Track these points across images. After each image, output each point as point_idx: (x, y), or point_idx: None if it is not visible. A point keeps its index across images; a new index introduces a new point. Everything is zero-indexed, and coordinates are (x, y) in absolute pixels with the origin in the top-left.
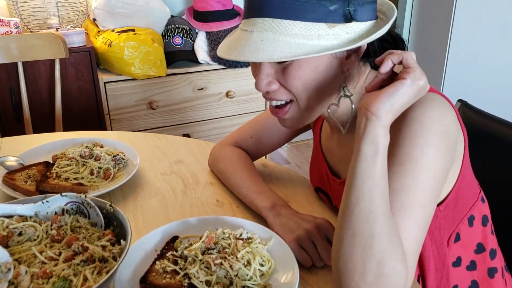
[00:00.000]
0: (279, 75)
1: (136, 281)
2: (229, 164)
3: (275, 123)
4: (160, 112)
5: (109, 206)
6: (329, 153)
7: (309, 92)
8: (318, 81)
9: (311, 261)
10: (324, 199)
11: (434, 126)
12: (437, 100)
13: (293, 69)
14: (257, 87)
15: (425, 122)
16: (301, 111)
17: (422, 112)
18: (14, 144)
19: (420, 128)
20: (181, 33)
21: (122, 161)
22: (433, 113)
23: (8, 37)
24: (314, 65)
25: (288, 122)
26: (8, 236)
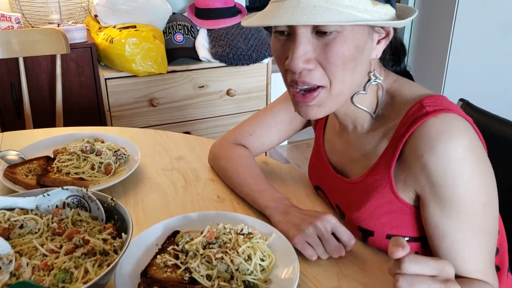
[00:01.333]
0: (318, 52)
1: (137, 275)
2: (231, 162)
3: (275, 121)
4: (161, 110)
5: (110, 200)
6: (334, 153)
7: (345, 72)
8: (355, 62)
9: (317, 255)
10: (323, 198)
11: (466, 160)
12: (454, 130)
13: (337, 43)
14: (293, 66)
15: (457, 158)
16: (331, 97)
17: (449, 151)
18: (15, 139)
19: (454, 167)
20: (182, 30)
21: (123, 157)
22: (459, 149)
23: (10, 32)
24: (357, 42)
25: (314, 109)
26: (10, 229)
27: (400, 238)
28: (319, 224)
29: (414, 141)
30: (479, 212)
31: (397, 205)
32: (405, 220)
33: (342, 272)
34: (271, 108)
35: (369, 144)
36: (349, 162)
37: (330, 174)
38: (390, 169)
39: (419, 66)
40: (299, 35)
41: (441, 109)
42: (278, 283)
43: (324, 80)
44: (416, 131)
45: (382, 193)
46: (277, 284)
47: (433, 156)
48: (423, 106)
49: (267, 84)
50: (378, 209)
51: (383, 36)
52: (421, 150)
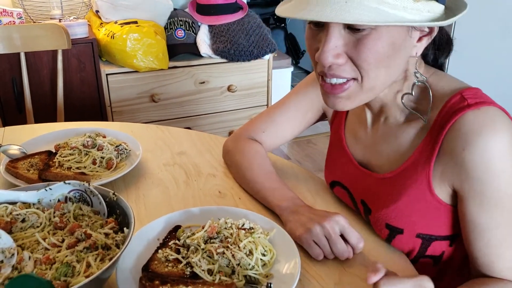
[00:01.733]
0: (349, 47)
1: (138, 269)
2: (246, 158)
3: (287, 117)
4: (162, 105)
5: (112, 195)
6: (358, 145)
7: (379, 69)
8: (391, 59)
9: (323, 255)
10: (340, 194)
11: (508, 155)
12: (496, 123)
13: (370, 40)
14: (322, 59)
15: (500, 153)
16: (362, 91)
17: (491, 146)
18: (16, 133)
19: (497, 162)
20: (183, 26)
21: (124, 151)
22: (501, 144)
23: (11, 27)
24: (392, 39)
25: (343, 100)
26: (12, 222)
27: (376, 264)
28: (327, 224)
29: (455, 134)
30: None
31: (431, 203)
32: (436, 219)
33: (343, 268)
34: (282, 104)
35: (401, 137)
36: (377, 156)
37: (354, 168)
38: (430, 164)
39: None
40: (330, 29)
41: (483, 101)
42: (280, 278)
43: (355, 73)
44: (456, 123)
45: (418, 189)
46: (279, 279)
47: (474, 151)
48: (465, 98)
49: (268, 80)
50: (410, 206)
51: (425, 34)
52: (462, 143)
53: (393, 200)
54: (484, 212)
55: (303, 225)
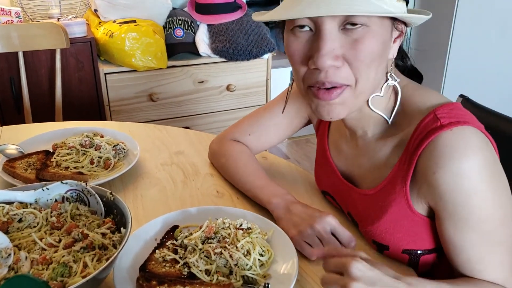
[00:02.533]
0: (346, 48)
1: (135, 269)
2: (230, 159)
3: (274, 122)
4: (160, 105)
5: (109, 195)
6: (341, 158)
7: (370, 70)
8: (381, 59)
9: (316, 254)
10: (332, 202)
11: (480, 178)
12: (468, 146)
13: (367, 40)
14: (321, 63)
15: (471, 177)
16: (354, 96)
17: (463, 169)
18: (14, 133)
19: (467, 185)
20: (182, 25)
21: (122, 151)
22: (473, 167)
23: (9, 26)
24: (384, 38)
25: (337, 107)
26: (8, 222)
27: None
28: (318, 226)
29: (428, 157)
30: (496, 228)
31: (413, 219)
32: (420, 234)
33: None
34: (270, 108)
35: (380, 152)
36: (359, 170)
37: (339, 181)
38: (406, 184)
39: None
40: (325, 31)
41: (457, 121)
42: (277, 278)
43: (351, 79)
44: (430, 145)
45: (398, 208)
46: (276, 279)
47: (446, 174)
48: (438, 118)
49: (267, 79)
50: (393, 224)
51: (397, 35)
52: (434, 167)
53: (376, 218)
54: (459, 232)
55: (295, 227)
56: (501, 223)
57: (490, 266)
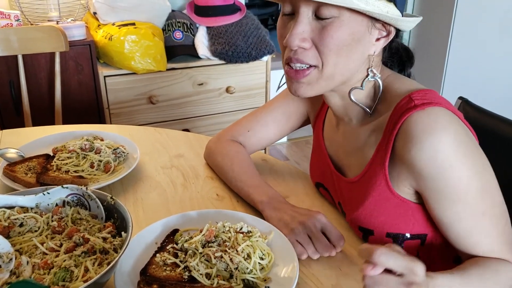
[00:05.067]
0: (315, 33)
1: (136, 273)
2: (226, 158)
3: (272, 118)
4: (160, 107)
5: (110, 199)
6: (333, 148)
7: (338, 57)
8: (350, 48)
9: (307, 253)
10: (325, 194)
11: (453, 151)
12: (440, 122)
13: (333, 27)
14: (290, 42)
15: (444, 150)
16: (322, 78)
17: (436, 144)
18: (14, 137)
19: (442, 159)
20: (181, 27)
21: (122, 155)
22: (445, 142)
23: (9, 30)
24: (353, 30)
25: (303, 87)
26: (10, 227)
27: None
28: (309, 222)
29: (402, 136)
30: (476, 198)
31: (395, 202)
32: (404, 217)
33: (341, 271)
34: (269, 106)
35: (362, 137)
36: (346, 157)
37: (330, 171)
38: (384, 165)
39: (418, 65)
40: (300, 15)
41: (429, 102)
42: (278, 281)
43: (317, 61)
44: (403, 125)
45: (379, 190)
46: (277, 283)
47: (420, 151)
48: (412, 100)
49: (266, 81)
50: (376, 208)
51: (383, 35)
52: (409, 144)
53: (360, 203)
54: (444, 208)
55: (286, 226)
56: (480, 193)
57: (478, 238)
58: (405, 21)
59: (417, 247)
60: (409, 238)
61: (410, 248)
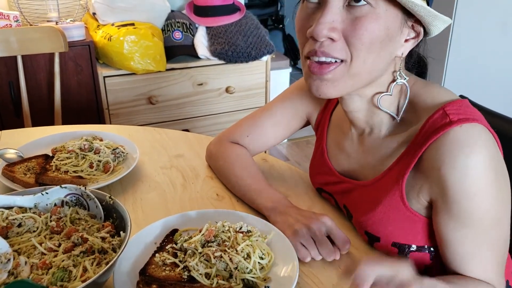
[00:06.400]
0: (346, 24)
1: (135, 273)
2: (228, 162)
3: (272, 122)
4: (160, 107)
5: (109, 198)
6: (342, 155)
7: (369, 52)
8: (382, 45)
9: (310, 256)
10: (328, 198)
11: (484, 177)
12: (477, 144)
13: (368, 19)
14: (317, 31)
15: (476, 175)
16: (347, 75)
17: (469, 166)
18: (13, 137)
19: (471, 183)
20: (181, 27)
21: (121, 155)
22: (479, 166)
23: (8, 31)
24: (388, 25)
25: (327, 85)
26: (8, 227)
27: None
28: (314, 225)
29: (435, 151)
30: (487, 228)
31: (405, 214)
32: (412, 230)
33: (341, 270)
34: (269, 109)
35: (385, 149)
36: (361, 168)
37: (336, 178)
38: (404, 177)
39: None
40: (330, 3)
41: (466, 118)
42: (278, 281)
43: (345, 54)
44: (438, 140)
45: (392, 200)
46: (277, 282)
47: (452, 170)
48: (447, 115)
49: (266, 81)
50: (386, 216)
51: (412, 36)
52: (440, 161)
53: (370, 208)
54: (451, 227)
55: (290, 227)
56: (496, 223)
57: (479, 265)
58: (440, 20)
59: (424, 260)
60: (415, 250)
61: (417, 260)
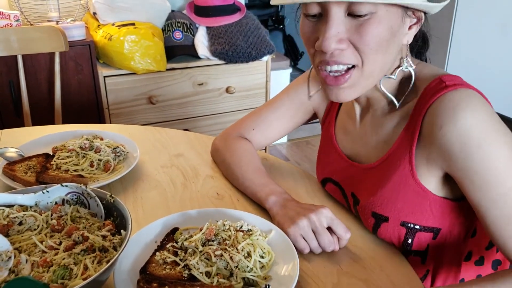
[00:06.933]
0: (351, 32)
1: (136, 271)
2: (235, 155)
3: (276, 116)
4: (160, 107)
5: (109, 197)
6: (350, 141)
7: (378, 53)
8: (389, 43)
9: (309, 249)
10: (332, 190)
11: (488, 126)
12: (474, 100)
13: (371, 24)
14: (326, 46)
15: (479, 125)
16: (363, 77)
17: (470, 119)
18: (14, 136)
19: (477, 134)
20: (181, 27)
21: (122, 154)
22: (479, 116)
23: (8, 30)
24: (391, 23)
25: (345, 91)
26: (9, 225)
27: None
28: (314, 217)
29: (433, 113)
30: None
31: (415, 190)
32: (420, 207)
33: (342, 269)
34: (273, 103)
35: (387, 126)
36: (365, 147)
37: (344, 162)
38: (412, 148)
39: None
40: (332, 16)
41: (461, 84)
42: (278, 280)
43: (356, 59)
44: (434, 103)
45: (401, 174)
46: (277, 281)
47: (453, 126)
48: (443, 81)
49: (266, 81)
50: (395, 193)
51: (414, 22)
52: (440, 121)
53: (378, 187)
54: (480, 190)
55: (290, 219)
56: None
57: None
58: (437, 7)
59: (428, 240)
60: (422, 230)
61: (422, 240)
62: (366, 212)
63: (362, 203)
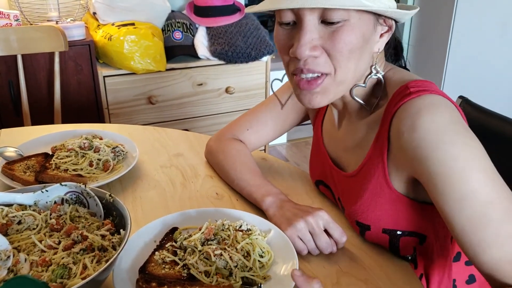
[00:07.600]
0: (324, 39)
1: (135, 271)
2: (228, 157)
3: (271, 115)
4: (159, 107)
5: (109, 196)
6: (332, 145)
7: (350, 61)
8: (361, 51)
9: (307, 250)
10: (325, 192)
11: (446, 130)
12: (434, 105)
13: (344, 32)
14: (300, 53)
15: (437, 130)
16: (335, 84)
17: (429, 122)
18: (13, 135)
19: (434, 137)
20: (181, 28)
21: (121, 153)
22: (438, 121)
23: (8, 30)
24: (362, 31)
25: (318, 97)
26: (8, 225)
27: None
28: (311, 219)
29: (397, 120)
30: (480, 182)
31: (391, 197)
32: (399, 213)
33: (341, 269)
34: (268, 103)
35: (362, 130)
36: (345, 153)
37: (330, 167)
38: (383, 156)
39: (419, 64)
40: (305, 23)
41: (425, 90)
42: (277, 279)
43: (329, 67)
44: (398, 111)
45: (376, 183)
46: (276, 281)
47: (413, 132)
48: (408, 88)
49: (266, 82)
50: (373, 202)
51: (385, 30)
52: (403, 127)
53: (358, 196)
54: (444, 193)
55: (288, 221)
56: (482, 177)
57: (484, 233)
58: (408, 14)
59: (413, 244)
60: (405, 235)
61: (408, 245)
62: (351, 221)
63: (346, 211)
